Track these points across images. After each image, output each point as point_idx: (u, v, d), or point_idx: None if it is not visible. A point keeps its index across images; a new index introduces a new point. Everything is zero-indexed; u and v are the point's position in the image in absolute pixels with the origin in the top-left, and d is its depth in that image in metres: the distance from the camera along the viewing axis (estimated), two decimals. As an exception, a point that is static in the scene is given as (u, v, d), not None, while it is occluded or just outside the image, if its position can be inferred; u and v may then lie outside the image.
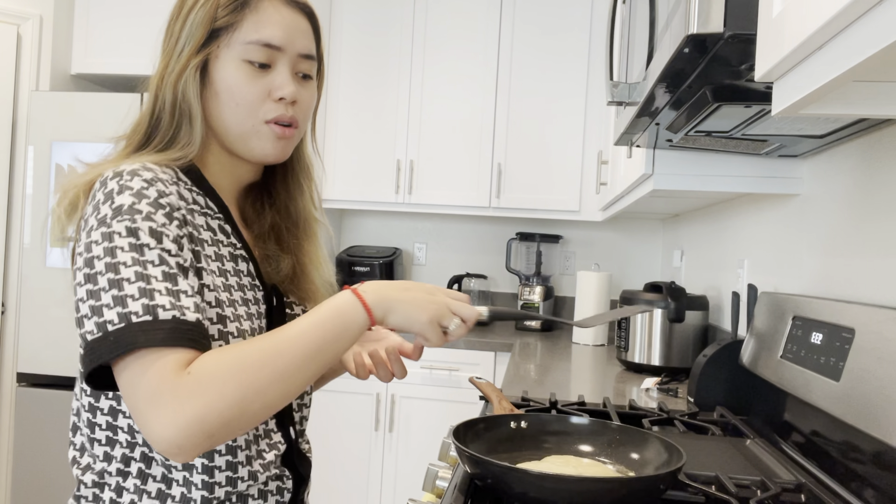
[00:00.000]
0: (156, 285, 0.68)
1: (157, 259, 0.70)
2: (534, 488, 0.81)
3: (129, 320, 0.66)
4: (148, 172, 0.75)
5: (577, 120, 3.02)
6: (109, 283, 0.68)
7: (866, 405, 0.92)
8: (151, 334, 0.66)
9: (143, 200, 0.72)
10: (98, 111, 2.63)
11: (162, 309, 0.67)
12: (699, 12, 0.79)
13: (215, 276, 0.79)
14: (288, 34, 0.84)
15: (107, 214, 0.71)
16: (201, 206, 0.82)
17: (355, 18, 3.13)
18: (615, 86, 1.37)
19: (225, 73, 0.81)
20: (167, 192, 0.75)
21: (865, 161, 1.20)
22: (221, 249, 0.82)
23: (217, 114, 0.83)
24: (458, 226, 3.43)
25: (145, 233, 0.70)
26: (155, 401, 0.64)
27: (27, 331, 2.66)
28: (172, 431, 0.63)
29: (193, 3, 0.82)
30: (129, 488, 0.77)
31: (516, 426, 1.07)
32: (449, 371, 2.72)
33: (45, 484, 2.64)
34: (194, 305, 0.70)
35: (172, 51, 0.82)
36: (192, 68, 0.80)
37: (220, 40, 0.81)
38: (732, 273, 1.99)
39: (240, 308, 0.81)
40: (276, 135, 0.84)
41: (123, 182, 0.73)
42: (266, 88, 0.83)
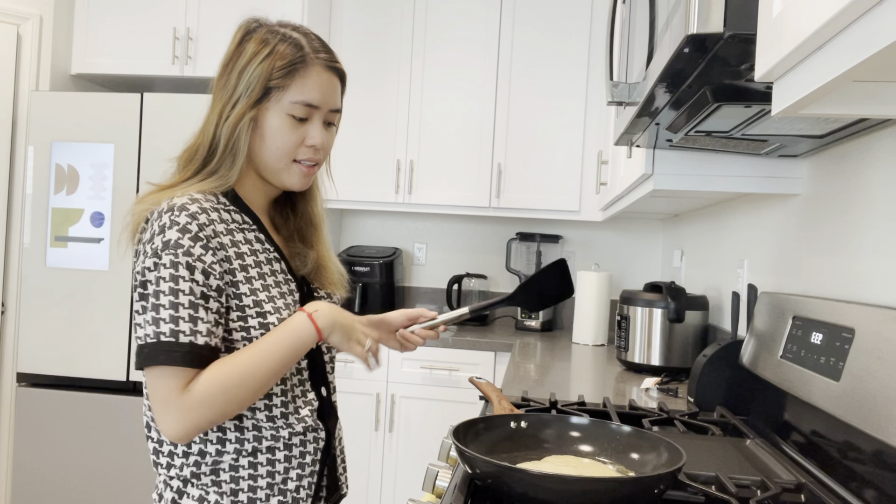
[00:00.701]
0: (182, 313, 0.92)
1: (187, 290, 0.93)
2: (534, 488, 0.81)
3: (159, 338, 0.92)
4: (194, 205, 0.97)
5: (577, 120, 3.02)
6: (152, 305, 0.93)
7: (866, 405, 0.92)
8: (172, 355, 0.91)
9: (185, 236, 0.94)
10: (98, 111, 2.63)
11: (182, 334, 0.92)
12: (699, 12, 0.79)
13: (255, 281, 1.01)
14: (325, 96, 1.04)
15: (158, 247, 0.94)
16: (239, 223, 1.04)
17: (355, 19, 3.13)
18: (615, 86, 1.37)
19: (272, 122, 1.02)
20: (208, 222, 0.97)
21: (865, 161, 1.20)
22: (259, 256, 1.04)
23: (259, 152, 1.04)
24: (458, 226, 3.43)
25: (183, 266, 0.93)
26: (165, 408, 0.91)
27: (27, 331, 2.66)
28: (175, 433, 0.92)
29: (251, 58, 1.01)
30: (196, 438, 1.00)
31: (516, 426, 1.07)
32: (449, 371, 2.72)
33: (45, 484, 2.64)
34: (206, 330, 0.94)
35: (230, 97, 1.01)
36: (248, 118, 1.00)
37: (272, 97, 1.01)
38: (732, 273, 1.99)
39: (278, 301, 1.03)
40: (303, 173, 1.06)
41: (173, 217, 0.95)
42: (302, 137, 1.04)
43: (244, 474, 1.00)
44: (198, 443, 1.00)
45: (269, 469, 1.02)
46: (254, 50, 1.01)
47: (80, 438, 2.63)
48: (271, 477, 1.02)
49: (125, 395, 2.61)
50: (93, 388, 2.65)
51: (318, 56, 1.03)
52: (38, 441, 2.64)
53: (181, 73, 2.91)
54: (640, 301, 2.11)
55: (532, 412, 1.19)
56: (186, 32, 2.90)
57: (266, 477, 1.01)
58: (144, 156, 2.61)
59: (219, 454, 1.00)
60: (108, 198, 2.62)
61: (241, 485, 1.00)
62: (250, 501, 1.00)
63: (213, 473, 1.00)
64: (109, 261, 2.62)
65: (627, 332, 2.13)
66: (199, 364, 0.92)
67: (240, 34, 1.06)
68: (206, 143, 1.02)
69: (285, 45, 1.02)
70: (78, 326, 2.64)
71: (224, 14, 2.90)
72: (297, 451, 1.04)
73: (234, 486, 1.00)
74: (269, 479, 1.02)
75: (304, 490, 1.05)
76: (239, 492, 1.00)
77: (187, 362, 0.91)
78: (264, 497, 1.01)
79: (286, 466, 1.03)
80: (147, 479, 2.60)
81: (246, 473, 1.00)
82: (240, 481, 1.00)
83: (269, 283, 1.03)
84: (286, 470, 1.03)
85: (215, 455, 1.00)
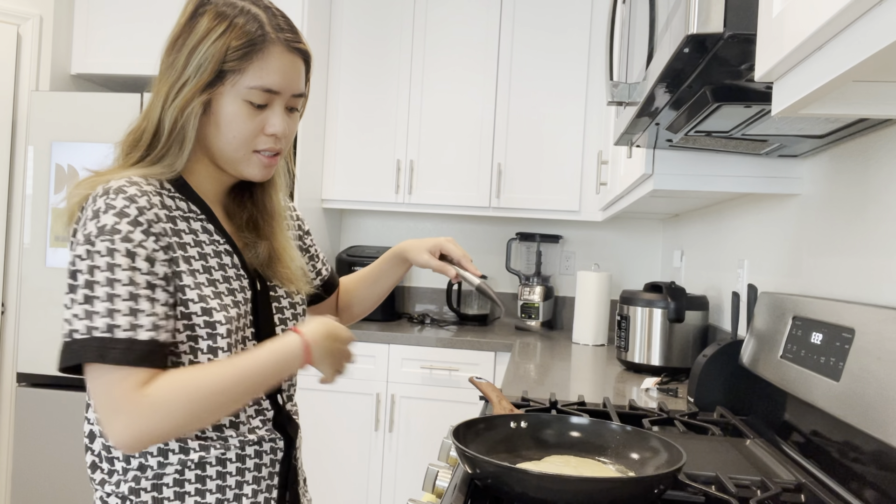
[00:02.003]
0: (119, 305, 0.81)
1: (126, 279, 0.82)
2: (534, 488, 0.81)
3: (91, 334, 0.81)
4: (133, 188, 0.86)
5: (577, 120, 3.02)
6: (84, 297, 0.82)
7: (866, 405, 0.92)
8: (107, 352, 0.80)
9: (123, 220, 0.84)
10: (98, 111, 2.63)
11: (119, 329, 0.81)
12: (699, 12, 0.79)
13: (199, 274, 0.90)
14: (286, 79, 0.93)
15: (91, 232, 0.83)
16: (184, 211, 0.93)
17: (355, 18, 3.13)
18: (615, 86, 1.37)
19: (226, 109, 0.91)
20: (148, 206, 0.86)
21: (865, 161, 1.20)
22: (205, 248, 0.93)
23: (213, 140, 0.93)
24: (458, 226, 3.43)
25: (121, 253, 0.83)
26: (114, 411, 0.80)
27: (27, 331, 2.66)
28: (126, 439, 0.80)
29: (203, 37, 0.89)
30: None
31: (516, 426, 1.07)
32: (449, 371, 2.72)
33: (45, 484, 2.64)
34: (151, 324, 0.83)
35: (178, 78, 0.89)
36: (197, 102, 0.89)
37: (226, 80, 0.90)
38: (732, 273, 1.99)
39: (226, 298, 0.92)
40: (263, 164, 0.95)
41: (109, 200, 0.84)
42: (261, 125, 0.93)
43: (190, 489, 0.90)
44: (137, 456, 0.89)
45: (219, 483, 0.91)
46: (207, 26, 0.89)
47: (80, 438, 2.62)
48: (221, 492, 0.92)
49: (125, 395, 2.61)
50: (93, 388, 2.65)
51: (279, 35, 0.91)
52: (38, 441, 2.65)
53: (181, 73, 2.91)
54: (640, 301, 2.11)
55: (532, 412, 1.19)
56: (186, 32, 2.90)
57: (216, 492, 0.91)
58: (144, 156, 2.61)
59: (161, 467, 0.89)
60: (108, 198, 2.63)
61: (186, 501, 0.90)
62: None
63: (154, 489, 0.89)
64: (109, 261, 2.62)
65: (627, 332, 2.13)
66: (143, 362, 0.81)
67: (192, 5, 0.92)
68: (150, 129, 0.91)
69: (243, 20, 0.89)
70: (78, 326, 2.63)
71: (224, 14, 2.90)
72: (251, 462, 0.94)
73: (178, 502, 0.90)
74: (220, 495, 0.91)
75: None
76: None
77: (129, 361, 0.80)
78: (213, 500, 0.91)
79: (238, 480, 0.93)
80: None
81: (192, 488, 0.90)
82: (185, 497, 0.90)
83: (216, 278, 0.93)
84: (239, 485, 0.93)
85: (157, 468, 0.89)
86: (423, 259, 1.19)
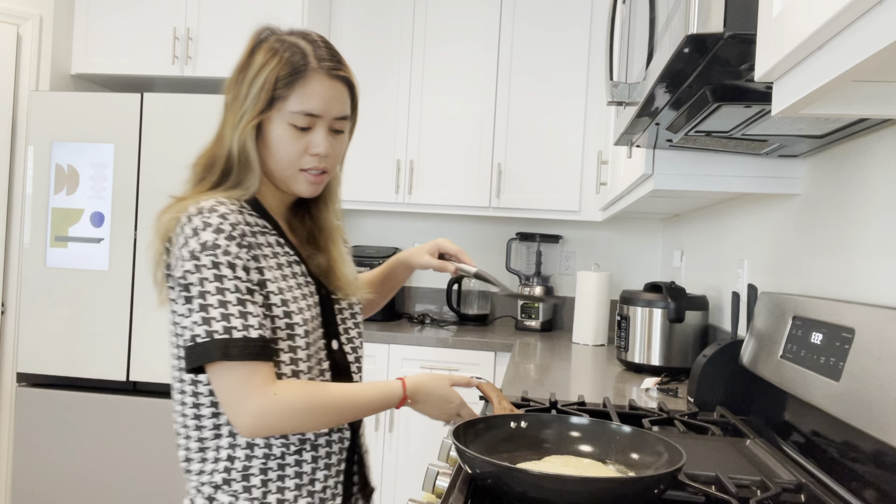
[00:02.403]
0: (231, 310, 0.94)
1: (232, 287, 0.95)
2: (534, 488, 0.81)
3: (212, 337, 0.93)
4: (222, 207, 0.99)
5: (577, 120, 3.02)
6: (199, 306, 0.94)
7: (866, 405, 0.92)
8: (229, 350, 0.93)
9: (220, 235, 0.96)
10: (98, 111, 2.63)
11: (235, 329, 0.93)
12: (699, 12, 0.79)
13: (280, 280, 1.03)
14: (326, 104, 1.03)
15: (195, 249, 0.96)
16: (259, 227, 1.06)
17: (355, 18, 3.13)
18: (615, 86, 1.36)
19: (275, 133, 1.03)
20: (237, 222, 0.99)
21: (865, 161, 1.20)
22: (280, 259, 1.06)
23: (267, 161, 1.05)
24: (458, 226, 3.43)
25: (224, 265, 0.96)
26: (243, 402, 0.93)
27: (27, 331, 2.66)
28: (252, 429, 0.94)
29: (258, 70, 1.02)
30: (224, 433, 1.03)
31: (516, 426, 1.06)
32: (449, 371, 2.72)
33: (45, 484, 2.64)
34: (258, 323, 0.95)
35: (240, 108, 1.03)
36: (251, 128, 1.02)
37: (275, 107, 1.02)
38: (732, 273, 1.99)
39: (300, 301, 1.05)
40: (310, 181, 1.07)
41: (204, 219, 0.97)
42: (305, 146, 1.04)
43: (273, 476, 1.02)
44: (226, 448, 1.01)
45: (296, 470, 1.04)
46: (261, 61, 1.02)
47: (80, 438, 2.63)
48: (299, 478, 1.04)
49: (125, 395, 2.61)
50: (93, 388, 2.65)
51: (321, 64, 1.02)
52: (38, 441, 2.65)
53: (181, 73, 2.91)
54: (640, 301, 2.11)
55: (532, 412, 1.18)
56: (186, 32, 2.90)
57: (294, 478, 1.04)
58: (144, 156, 2.61)
59: (248, 459, 1.02)
60: (108, 198, 2.62)
61: (269, 487, 1.02)
62: (278, 502, 1.02)
63: (243, 479, 1.01)
64: (109, 261, 2.62)
65: (627, 332, 2.13)
66: (260, 357, 0.94)
67: (251, 43, 1.06)
68: (222, 155, 1.04)
69: (289, 54, 1.02)
70: (78, 326, 2.63)
71: (224, 14, 2.90)
72: (322, 451, 1.06)
73: (264, 489, 1.01)
74: (297, 481, 1.04)
75: (331, 490, 1.07)
76: (268, 494, 1.02)
77: (246, 356, 0.93)
78: (293, 498, 1.03)
79: (313, 467, 1.05)
80: (146, 479, 2.60)
81: (275, 476, 1.02)
82: (269, 484, 1.02)
83: (292, 284, 1.05)
84: (313, 470, 1.05)
85: (245, 460, 1.01)
86: (424, 260, 1.31)
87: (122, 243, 2.61)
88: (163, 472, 2.59)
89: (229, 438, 1.01)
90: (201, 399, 1.02)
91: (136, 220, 2.61)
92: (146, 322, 2.60)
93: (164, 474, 2.59)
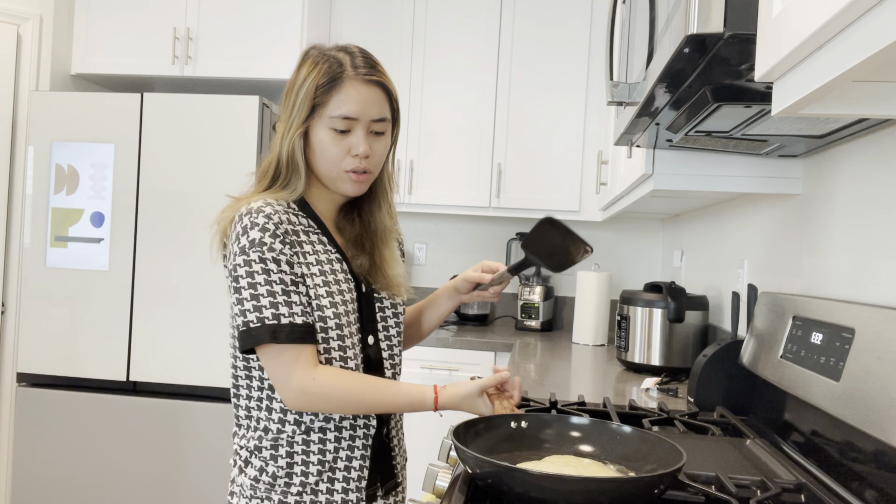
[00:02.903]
0: (279, 299, 1.06)
1: (278, 280, 1.07)
2: (534, 488, 0.81)
3: (263, 322, 1.05)
4: (269, 208, 1.10)
5: (577, 120, 3.02)
6: (250, 296, 1.06)
7: (866, 405, 0.92)
8: (277, 334, 1.04)
9: (266, 234, 1.08)
10: (98, 111, 2.63)
11: (282, 316, 1.06)
12: (699, 12, 0.79)
13: (316, 276, 1.13)
14: (362, 107, 1.12)
15: (245, 245, 1.08)
16: (305, 226, 1.16)
17: (355, 17, 3.13)
18: (615, 86, 1.37)
19: (318, 137, 1.13)
20: (280, 222, 1.10)
21: (865, 161, 1.20)
22: (321, 256, 1.15)
23: (314, 164, 1.16)
24: (458, 226, 3.43)
25: (270, 261, 1.07)
26: (288, 380, 1.06)
27: (27, 331, 2.66)
28: (294, 404, 1.07)
29: (302, 82, 1.13)
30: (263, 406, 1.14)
31: (516, 426, 1.07)
32: (449, 371, 2.72)
33: (45, 484, 2.64)
34: (301, 311, 1.07)
35: (289, 117, 1.14)
36: (298, 135, 1.13)
37: (316, 113, 1.13)
38: (732, 273, 1.99)
39: (336, 297, 1.14)
40: (352, 180, 1.15)
41: (252, 219, 1.08)
42: (346, 147, 1.13)
43: (298, 450, 1.12)
44: (264, 419, 1.13)
45: (320, 447, 1.13)
46: (305, 73, 1.13)
47: (80, 438, 2.63)
48: (322, 455, 1.13)
49: (125, 395, 2.61)
50: (93, 388, 2.65)
51: (357, 71, 1.12)
52: (38, 441, 2.65)
53: (181, 73, 2.91)
54: (640, 301, 2.11)
55: (532, 412, 1.18)
56: (186, 32, 2.90)
57: (317, 454, 1.13)
58: (144, 156, 2.61)
59: (279, 432, 1.12)
60: (108, 198, 2.62)
61: (295, 459, 1.12)
62: (302, 474, 1.12)
63: (272, 448, 1.12)
64: (109, 261, 2.62)
65: (627, 332, 2.13)
66: (305, 340, 1.06)
67: (299, 60, 1.17)
68: (274, 161, 1.16)
69: (328, 64, 1.12)
70: (78, 326, 2.64)
71: (224, 14, 2.90)
72: (346, 433, 1.14)
73: (289, 460, 1.12)
74: (321, 457, 1.13)
75: (356, 472, 1.15)
76: (294, 465, 1.12)
77: (292, 339, 1.05)
78: (315, 472, 1.12)
79: (336, 447, 1.14)
80: (146, 479, 2.60)
81: (300, 449, 1.12)
82: (294, 456, 1.12)
83: (329, 280, 1.14)
84: (336, 450, 1.14)
85: (276, 433, 1.12)
86: (471, 275, 1.34)
87: (122, 243, 2.61)
88: (163, 472, 2.59)
89: (266, 412, 1.13)
90: (253, 372, 1.14)
91: (136, 220, 2.61)
92: (146, 322, 2.60)
93: (164, 474, 2.59)
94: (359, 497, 1.15)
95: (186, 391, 2.61)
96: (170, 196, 2.59)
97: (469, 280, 1.32)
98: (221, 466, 2.56)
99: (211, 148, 2.56)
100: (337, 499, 1.14)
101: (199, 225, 2.58)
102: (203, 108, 2.58)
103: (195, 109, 2.58)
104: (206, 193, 2.57)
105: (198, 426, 2.57)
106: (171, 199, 2.59)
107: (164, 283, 2.59)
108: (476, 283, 1.32)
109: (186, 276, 2.58)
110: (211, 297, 2.56)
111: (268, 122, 2.62)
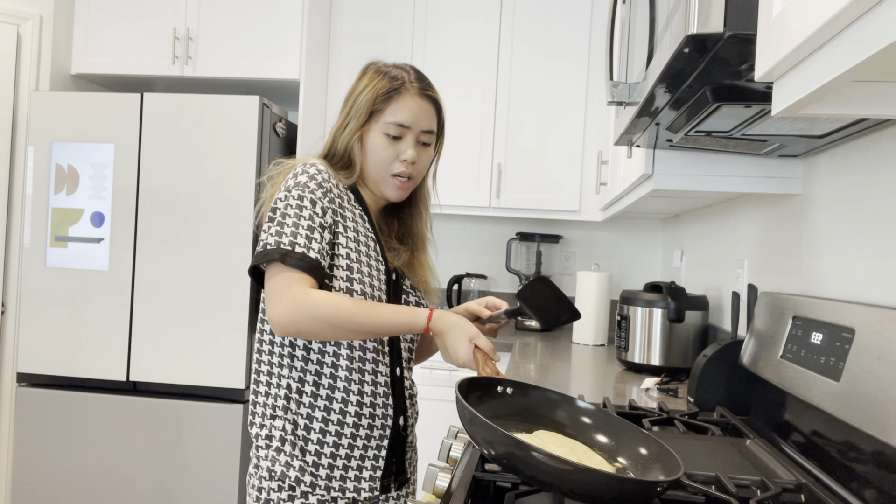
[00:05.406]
0: (300, 231, 1.14)
1: (307, 216, 1.15)
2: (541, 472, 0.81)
3: (278, 246, 1.12)
4: (323, 166, 1.22)
5: (577, 120, 3.02)
6: (278, 224, 1.14)
7: (866, 405, 0.92)
8: (287, 258, 1.11)
9: (312, 181, 1.18)
10: (98, 111, 2.63)
11: (298, 245, 1.12)
12: (699, 12, 0.79)
13: (350, 241, 1.20)
14: (416, 118, 1.24)
15: (290, 185, 1.18)
16: (350, 199, 1.25)
17: (354, 19, 3.13)
18: (615, 86, 1.37)
19: (372, 140, 1.25)
20: (328, 180, 1.20)
21: (865, 161, 1.20)
22: (359, 227, 1.24)
23: (365, 164, 1.26)
24: (459, 226, 3.43)
25: (307, 199, 1.16)
26: (280, 298, 1.09)
27: (27, 331, 2.66)
28: (278, 320, 1.09)
29: (363, 89, 1.25)
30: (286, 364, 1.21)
31: (502, 391, 1.05)
32: (449, 371, 2.72)
33: (45, 484, 2.64)
34: (318, 249, 1.13)
35: (346, 116, 1.26)
36: (357, 136, 1.25)
37: (374, 118, 1.24)
38: (732, 273, 1.99)
39: (365, 275, 1.20)
40: (397, 185, 1.26)
41: (305, 168, 1.20)
42: (396, 153, 1.24)
43: (315, 426, 1.19)
44: (286, 377, 1.20)
45: (337, 429, 1.19)
46: (367, 81, 1.26)
47: (81, 438, 2.63)
48: (338, 437, 1.19)
49: (125, 395, 2.61)
50: (93, 388, 2.65)
51: (413, 85, 1.25)
52: (38, 441, 2.64)
53: (181, 73, 2.91)
54: (640, 301, 2.11)
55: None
56: (186, 32, 2.90)
57: (334, 435, 1.19)
58: (144, 156, 2.61)
59: (297, 405, 1.19)
60: (108, 198, 2.62)
61: (311, 436, 1.19)
62: (321, 432, 1.19)
63: (295, 403, 1.19)
64: (109, 261, 2.62)
65: (627, 332, 2.13)
66: (308, 271, 1.11)
67: (361, 71, 1.30)
68: (329, 150, 1.27)
69: (388, 77, 1.25)
70: (78, 326, 2.63)
71: (224, 14, 2.90)
72: (365, 421, 1.20)
73: (305, 433, 1.19)
74: (336, 439, 1.19)
75: (370, 462, 1.21)
76: (314, 420, 1.19)
77: (299, 267, 1.10)
78: (332, 443, 1.19)
79: (353, 433, 1.20)
80: (146, 479, 2.60)
81: (318, 427, 1.19)
82: (311, 432, 1.19)
83: (362, 251, 1.22)
84: (353, 437, 1.20)
85: (296, 390, 1.19)
86: (473, 307, 1.36)
87: (122, 243, 2.61)
88: (163, 471, 2.59)
89: (287, 370, 1.19)
90: (276, 337, 1.20)
91: (137, 220, 2.61)
92: (146, 322, 2.60)
93: (164, 474, 2.59)
94: (372, 475, 1.21)
95: (186, 391, 2.61)
96: (170, 196, 2.59)
97: (470, 311, 1.34)
98: (222, 466, 2.56)
99: (211, 148, 2.56)
100: (351, 475, 1.20)
101: (200, 225, 2.58)
102: (203, 108, 2.58)
103: (195, 109, 2.58)
104: (207, 193, 2.57)
105: (198, 426, 2.57)
106: (171, 199, 2.59)
107: (164, 283, 2.59)
108: (476, 315, 1.34)
109: (187, 276, 2.58)
110: (211, 297, 2.56)
111: (268, 122, 2.62)
